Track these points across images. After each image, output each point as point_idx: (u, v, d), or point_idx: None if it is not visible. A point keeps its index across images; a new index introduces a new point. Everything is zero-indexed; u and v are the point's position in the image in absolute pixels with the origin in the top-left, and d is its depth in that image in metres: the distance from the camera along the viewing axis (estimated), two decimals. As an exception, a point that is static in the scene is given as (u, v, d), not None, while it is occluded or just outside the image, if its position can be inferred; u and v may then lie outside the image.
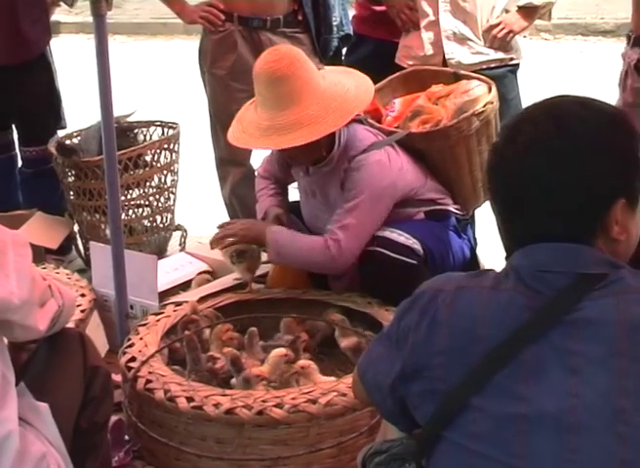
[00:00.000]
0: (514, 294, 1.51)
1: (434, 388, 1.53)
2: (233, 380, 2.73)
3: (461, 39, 3.56)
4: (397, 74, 3.48)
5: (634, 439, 1.40)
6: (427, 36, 3.60)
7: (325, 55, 3.88)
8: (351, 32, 3.95)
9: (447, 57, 3.55)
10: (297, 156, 3.05)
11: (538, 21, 3.87)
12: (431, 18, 3.58)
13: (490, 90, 3.24)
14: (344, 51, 4.02)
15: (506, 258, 4.21)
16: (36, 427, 2.03)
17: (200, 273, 3.51)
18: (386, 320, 2.90)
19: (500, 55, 3.60)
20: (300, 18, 3.82)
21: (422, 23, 3.60)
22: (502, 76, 3.59)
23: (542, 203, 1.51)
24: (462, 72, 3.41)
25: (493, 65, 3.58)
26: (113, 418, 2.69)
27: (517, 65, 3.70)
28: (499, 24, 3.55)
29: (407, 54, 3.66)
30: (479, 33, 3.57)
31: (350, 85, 3.00)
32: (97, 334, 3.05)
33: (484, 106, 3.16)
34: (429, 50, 3.59)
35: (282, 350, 2.82)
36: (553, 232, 1.52)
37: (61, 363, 2.20)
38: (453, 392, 1.50)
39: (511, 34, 3.56)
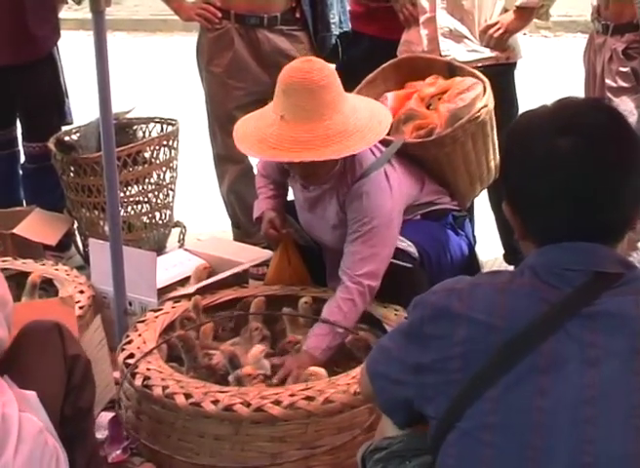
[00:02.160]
0: (531, 288, 1.52)
1: (450, 379, 1.52)
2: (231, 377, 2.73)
3: (458, 36, 3.57)
4: (389, 63, 3.44)
5: None
6: (425, 32, 3.61)
7: (322, 52, 3.86)
8: (350, 30, 3.92)
9: (442, 53, 3.55)
10: (320, 170, 2.91)
11: (537, 20, 3.87)
12: (429, 14, 3.59)
13: (484, 89, 3.19)
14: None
15: (505, 256, 4.23)
16: (28, 413, 2.05)
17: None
18: (385, 316, 2.93)
19: (496, 53, 3.60)
20: (297, 15, 3.81)
21: (421, 19, 3.61)
22: (498, 74, 3.59)
23: (584, 207, 1.52)
24: (456, 63, 3.39)
25: (488, 63, 3.58)
26: (111, 415, 2.70)
27: (514, 64, 3.70)
28: (495, 24, 3.56)
29: (407, 48, 3.67)
30: (476, 31, 3.57)
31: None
32: (101, 350, 3.03)
33: (478, 111, 3.12)
34: (427, 46, 3.59)
35: (260, 347, 2.84)
36: (583, 234, 1.52)
37: (41, 353, 2.23)
38: (469, 383, 1.50)
39: (507, 34, 3.56)
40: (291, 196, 3.34)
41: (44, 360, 2.23)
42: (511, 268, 3.87)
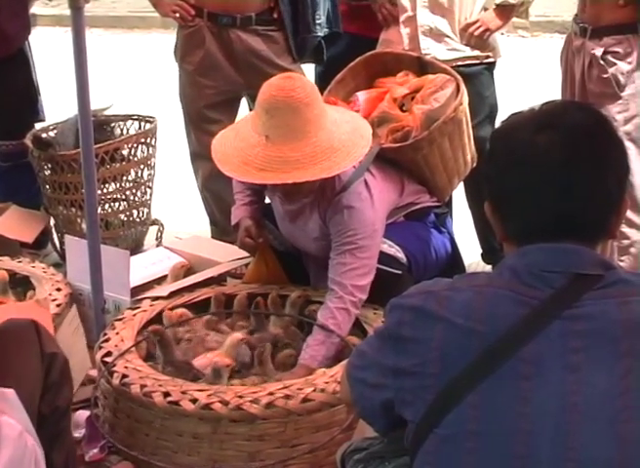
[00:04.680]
0: (510, 290, 1.50)
1: (427, 384, 1.50)
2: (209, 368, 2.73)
3: (438, 35, 3.57)
4: (357, 60, 3.38)
5: (635, 437, 1.40)
6: (406, 31, 3.60)
7: (301, 54, 3.83)
8: (340, 30, 3.86)
9: (423, 52, 3.54)
10: (304, 188, 2.84)
11: (515, 19, 3.88)
12: (409, 13, 3.59)
13: (457, 86, 3.15)
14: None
15: (483, 256, 4.22)
16: (7, 413, 2.03)
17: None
18: (363, 316, 2.92)
19: (477, 52, 3.60)
20: (275, 16, 3.77)
21: (401, 18, 3.61)
22: (478, 73, 3.60)
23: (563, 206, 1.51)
24: (427, 58, 3.38)
25: (468, 62, 3.59)
26: (88, 413, 2.69)
27: (494, 63, 3.71)
28: (475, 22, 3.56)
29: (387, 47, 3.65)
30: (457, 30, 3.58)
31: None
32: (76, 334, 3.03)
33: (454, 111, 3.09)
34: (407, 44, 3.59)
35: (238, 334, 2.84)
36: (560, 233, 1.52)
37: (18, 351, 2.21)
38: (448, 388, 1.48)
39: (488, 33, 3.57)
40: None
41: (21, 358, 2.20)
42: (489, 268, 3.89)
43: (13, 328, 2.26)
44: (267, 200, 3.24)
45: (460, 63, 3.54)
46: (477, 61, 3.62)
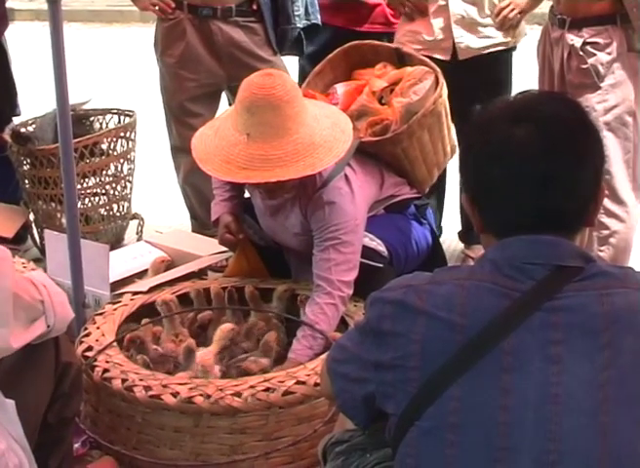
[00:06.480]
0: (492, 283, 1.50)
1: (409, 377, 1.50)
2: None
3: (470, 23, 3.60)
4: (335, 52, 3.37)
5: (615, 429, 1.40)
6: (437, 21, 3.62)
7: (281, 45, 3.84)
8: (319, 22, 3.85)
9: (456, 41, 3.59)
10: (286, 184, 2.80)
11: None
12: (441, 2, 3.60)
13: (436, 78, 3.14)
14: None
15: (460, 234, 4.17)
16: (1, 423, 2.01)
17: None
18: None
19: (508, 38, 3.66)
20: (254, 7, 3.76)
21: (432, 9, 3.62)
22: (506, 59, 3.69)
23: (541, 197, 1.51)
24: (405, 49, 3.37)
25: (499, 48, 3.65)
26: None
27: (515, 47, 3.76)
28: (508, 5, 3.60)
29: (413, 38, 3.65)
30: (487, 16, 3.61)
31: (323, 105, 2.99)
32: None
33: (433, 103, 3.08)
34: (439, 34, 3.61)
35: (229, 325, 2.83)
36: (539, 225, 1.52)
37: (33, 358, 2.15)
38: (429, 381, 1.47)
39: (522, 14, 3.62)
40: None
41: (35, 364, 2.15)
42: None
43: None
44: (247, 194, 3.23)
45: (492, 50, 3.60)
46: (506, 47, 3.68)
